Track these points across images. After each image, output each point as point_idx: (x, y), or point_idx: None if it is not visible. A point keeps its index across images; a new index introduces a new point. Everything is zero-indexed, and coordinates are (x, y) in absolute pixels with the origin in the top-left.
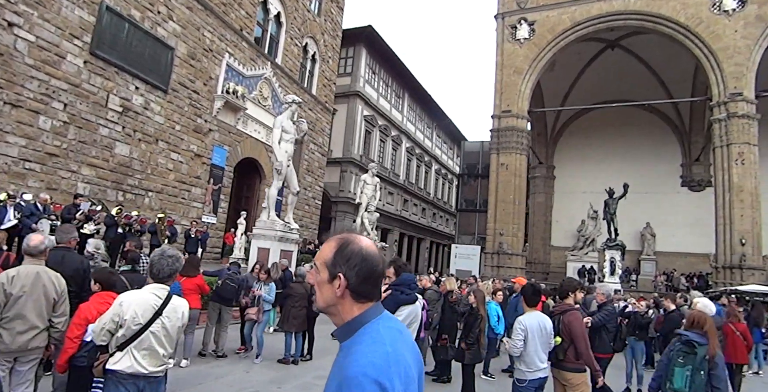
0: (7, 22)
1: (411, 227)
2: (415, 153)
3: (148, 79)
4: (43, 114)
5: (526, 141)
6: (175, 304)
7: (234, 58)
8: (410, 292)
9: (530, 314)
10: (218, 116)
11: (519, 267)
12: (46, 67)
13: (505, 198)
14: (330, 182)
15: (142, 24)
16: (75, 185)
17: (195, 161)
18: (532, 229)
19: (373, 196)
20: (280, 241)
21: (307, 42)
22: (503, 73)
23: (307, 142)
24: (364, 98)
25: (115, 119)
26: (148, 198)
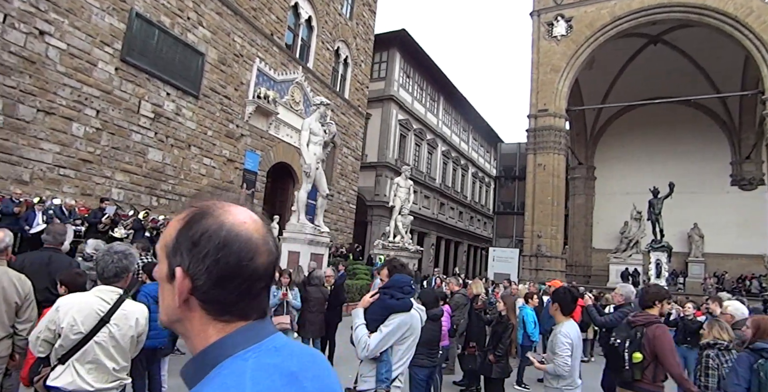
0: (38, 31)
1: (448, 230)
2: (451, 156)
3: (179, 85)
4: (76, 121)
5: (564, 140)
6: (127, 310)
7: (265, 63)
8: (402, 297)
9: (570, 324)
10: (250, 120)
11: (558, 270)
12: (77, 74)
13: (543, 199)
14: (365, 186)
15: (172, 30)
16: (109, 191)
17: (227, 166)
18: (572, 231)
19: (406, 199)
20: (310, 244)
21: (339, 46)
22: (539, 72)
23: (340, 146)
24: (399, 102)
25: (147, 124)
26: (182, 203)
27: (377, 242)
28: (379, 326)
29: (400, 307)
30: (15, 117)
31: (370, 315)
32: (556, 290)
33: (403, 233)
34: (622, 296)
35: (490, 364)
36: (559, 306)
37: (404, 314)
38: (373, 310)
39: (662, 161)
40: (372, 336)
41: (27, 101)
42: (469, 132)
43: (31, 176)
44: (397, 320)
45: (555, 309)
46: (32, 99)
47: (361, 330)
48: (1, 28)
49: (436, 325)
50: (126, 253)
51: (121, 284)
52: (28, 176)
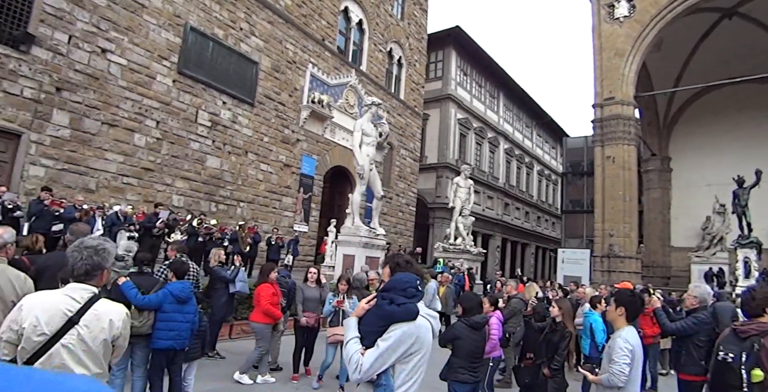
0: (100, 49)
1: (513, 232)
2: (515, 154)
3: (235, 94)
4: (138, 132)
5: (633, 130)
6: (99, 310)
7: (317, 68)
8: (405, 301)
9: (629, 329)
10: (305, 125)
11: (633, 272)
12: (138, 87)
13: (614, 195)
14: (426, 188)
15: (225, 41)
16: (170, 198)
17: (284, 171)
18: (648, 229)
19: (467, 199)
20: (365, 247)
21: (392, 47)
22: (603, 58)
23: (397, 147)
24: (457, 101)
25: (204, 133)
26: (240, 208)
27: (437, 245)
28: (376, 340)
29: (401, 315)
30: (81, 130)
31: (364, 325)
32: (619, 291)
33: (464, 234)
34: (696, 298)
35: (545, 379)
36: (624, 309)
37: (408, 323)
38: (369, 320)
39: (746, 147)
40: (366, 353)
41: (92, 114)
42: (533, 128)
43: (97, 184)
44: (399, 332)
45: (619, 314)
46: (97, 113)
47: (352, 346)
48: (67, 48)
49: (479, 334)
50: (98, 248)
51: (95, 282)
52: (95, 184)
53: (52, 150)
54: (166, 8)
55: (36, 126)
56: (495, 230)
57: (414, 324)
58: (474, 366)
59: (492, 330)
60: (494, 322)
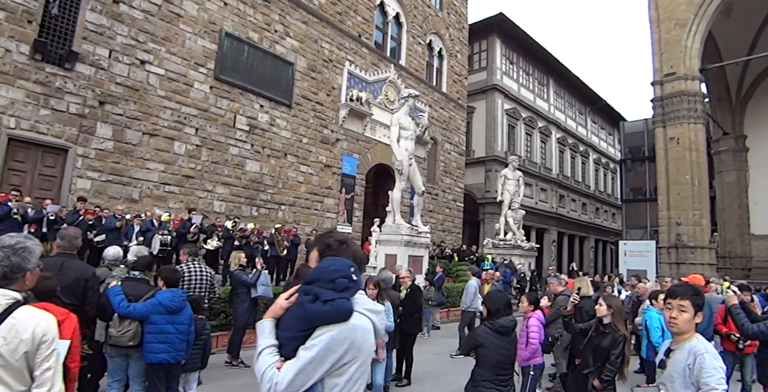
0: (139, 61)
1: (570, 225)
2: (568, 143)
3: (272, 97)
4: (178, 140)
5: (700, 107)
6: (19, 319)
7: (355, 65)
8: (336, 297)
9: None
10: (344, 124)
11: (707, 263)
12: (176, 96)
13: (679, 179)
14: (475, 183)
15: (260, 44)
16: (211, 204)
17: (325, 171)
18: (723, 215)
19: (516, 192)
20: (407, 246)
21: (431, 39)
22: (661, 30)
23: (441, 142)
24: (503, 91)
25: (243, 137)
26: (282, 212)
27: (487, 241)
28: (297, 347)
29: (329, 315)
30: (123, 141)
31: (283, 330)
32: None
33: (514, 229)
34: None
35: (594, 391)
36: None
37: (338, 326)
38: (287, 322)
39: None
40: (284, 366)
41: (133, 125)
42: (587, 115)
43: (140, 194)
44: (326, 337)
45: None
46: (137, 123)
47: (265, 357)
48: (108, 62)
49: (507, 341)
50: (17, 248)
51: (16, 286)
52: (138, 194)
53: (97, 163)
54: (201, 16)
55: (81, 140)
56: (550, 223)
57: (347, 325)
58: (502, 378)
59: (532, 333)
60: (534, 324)
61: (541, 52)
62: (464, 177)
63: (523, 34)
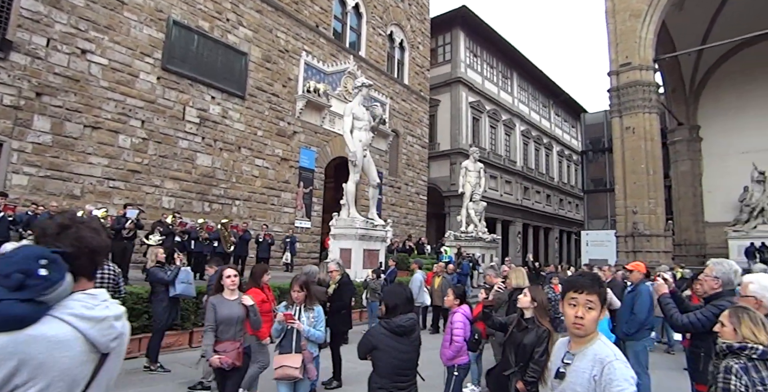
0: (80, 50)
1: (535, 216)
2: (532, 136)
3: (224, 88)
4: (122, 133)
5: (655, 96)
6: None
7: (312, 55)
8: (6, 297)
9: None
10: (301, 116)
11: (663, 251)
12: (120, 87)
13: (635, 168)
14: (440, 176)
15: (211, 33)
16: (159, 200)
17: (281, 165)
18: (678, 204)
19: (477, 184)
20: (362, 240)
21: (392, 30)
22: (616, 21)
23: (403, 134)
24: (467, 84)
25: (193, 130)
26: (236, 207)
27: (448, 234)
28: None
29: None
30: (63, 135)
31: None
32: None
33: (476, 221)
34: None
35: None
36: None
37: (5, 336)
38: None
39: None
40: None
41: (73, 118)
42: (550, 107)
43: (82, 190)
44: None
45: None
46: (78, 116)
47: None
48: (45, 51)
49: (406, 342)
50: None
51: None
52: (79, 190)
53: (35, 157)
54: (147, 3)
55: (17, 133)
56: (515, 215)
57: (17, 335)
58: (400, 386)
59: (455, 330)
60: (458, 320)
61: (504, 45)
62: (428, 170)
63: (486, 27)
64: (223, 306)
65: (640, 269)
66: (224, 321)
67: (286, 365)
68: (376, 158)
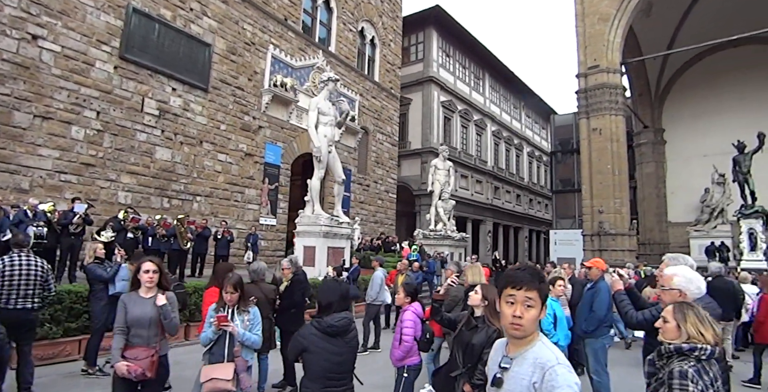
0: (31, 35)
1: (505, 216)
2: (503, 136)
3: (186, 79)
4: (76, 124)
5: (621, 99)
6: None
7: (280, 49)
8: None
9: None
10: (267, 111)
11: (627, 249)
12: (74, 76)
13: (602, 169)
14: (411, 175)
15: (173, 23)
16: (115, 194)
17: (246, 160)
18: (643, 204)
19: (446, 182)
20: (326, 237)
21: (363, 26)
22: (585, 24)
23: (373, 132)
24: (440, 83)
25: (152, 123)
26: (197, 203)
27: (417, 232)
28: None
29: None
30: (11, 125)
31: None
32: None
33: (445, 219)
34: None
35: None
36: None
37: None
38: None
39: (746, 113)
40: None
41: (22, 107)
42: (521, 109)
43: (31, 183)
44: None
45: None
46: (28, 105)
47: None
48: None
49: (339, 344)
50: None
51: None
52: (28, 184)
53: None
54: None
55: None
56: (485, 214)
57: None
58: (333, 390)
59: (405, 329)
60: (408, 318)
61: (477, 45)
62: (398, 169)
63: (459, 28)
64: (136, 305)
65: (600, 266)
66: (135, 322)
67: (215, 378)
68: (345, 156)
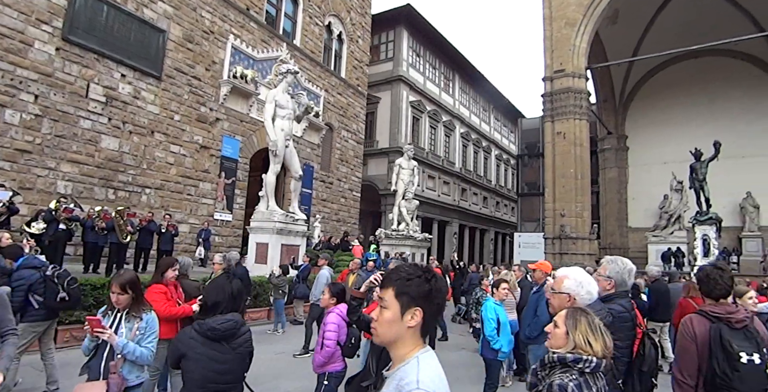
0: None
1: (472, 217)
2: (471, 138)
3: (137, 66)
4: (10, 107)
5: (585, 103)
6: None
7: (241, 40)
8: None
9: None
10: (226, 103)
11: (587, 253)
12: (9, 56)
13: (565, 172)
14: (378, 174)
15: (124, 5)
16: (54, 184)
17: (201, 153)
18: (605, 209)
19: (410, 181)
20: (279, 234)
21: (331, 21)
22: (553, 28)
23: (338, 129)
24: (409, 83)
25: (98, 110)
26: (146, 195)
27: (379, 231)
28: None
29: None
30: None
31: None
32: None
33: (408, 219)
34: (609, 279)
35: None
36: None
37: None
38: None
39: (706, 122)
40: None
41: None
42: (491, 112)
43: None
44: None
45: (410, 318)
46: None
47: None
48: None
49: (225, 349)
50: None
51: None
52: None
53: None
54: None
55: None
56: (452, 216)
57: None
58: None
59: (327, 333)
60: (331, 321)
61: (448, 47)
62: (365, 167)
63: (430, 28)
64: None
65: (544, 268)
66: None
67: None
68: (308, 152)
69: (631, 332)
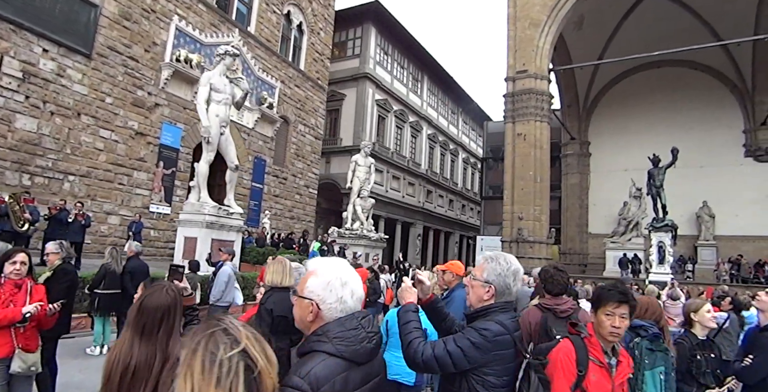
0: None
1: (437, 220)
2: (438, 140)
3: (62, 41)
4: None
5: (547, 106)
6: None
7: (187, 22)
8: None
9: None
10: (167, 88)
11: (544, 258)
12: None
13: (524, 175)
14: (340, 172)
15: None
16: None
17: (136, 140)
18: (566, 214)
19: (366, 179)
20: (210, 228)
21: (290, 10)
22: (517, 28)
23: (294, 122)
24: (375, 81)
25: (13, 86)
26: (69, 183)
27: (332, 230)
28: None
29: None
30: None
31: None
32: None
33: (362, 218)
34: (487, 285)
35: None
36: None
37: None
38: None
39: (666, 131)
40: None
41: None
42: (459, 114)
43: None
44: None
45: None
46: None
47: None
48: None
49: None
50: None
51: None
52: None
53: None
54: None
55: None
56: (416, 217)
57: None
58: None
59: None
60: None
61: (416, 47)
62: (327, 165)
63: (399, 26)
64: None
65: (455, 269)
66: None
67: None
68: (260, 145)
69: (511, 363)
